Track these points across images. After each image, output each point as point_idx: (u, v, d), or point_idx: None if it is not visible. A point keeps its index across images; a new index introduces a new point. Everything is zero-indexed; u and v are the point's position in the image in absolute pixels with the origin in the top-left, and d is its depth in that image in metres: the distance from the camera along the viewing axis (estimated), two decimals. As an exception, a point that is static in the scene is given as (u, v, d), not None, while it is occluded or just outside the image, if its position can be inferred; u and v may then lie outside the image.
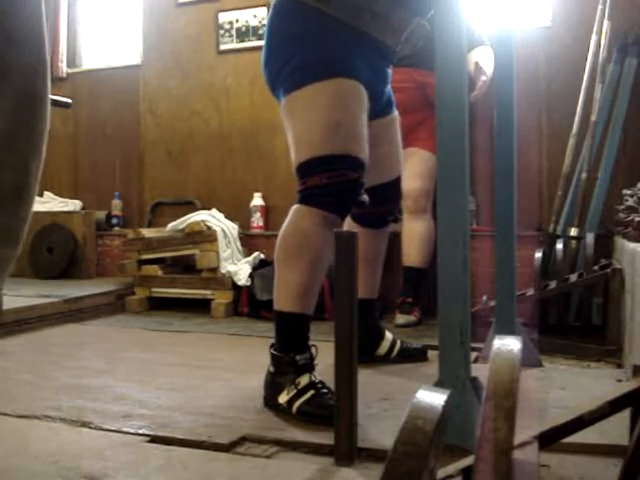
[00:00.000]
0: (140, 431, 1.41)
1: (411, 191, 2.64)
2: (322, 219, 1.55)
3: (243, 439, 1.37)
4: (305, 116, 1.58)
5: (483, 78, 2.61)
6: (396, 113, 1.90)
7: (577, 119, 2.74)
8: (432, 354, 2.00)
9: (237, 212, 3.55)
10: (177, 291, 3.20)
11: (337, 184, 1.54)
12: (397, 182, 1.92)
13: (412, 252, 2.73)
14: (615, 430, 0.98)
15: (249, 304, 3.03)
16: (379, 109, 1.76)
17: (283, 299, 1.58)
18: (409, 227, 2.74)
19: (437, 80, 1.25)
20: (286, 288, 1.58)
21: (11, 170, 0.80)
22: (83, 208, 4.01)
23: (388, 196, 1.89)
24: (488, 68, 2.64)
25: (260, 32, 3.59)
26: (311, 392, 1.49)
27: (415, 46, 1.75)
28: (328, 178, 1.53)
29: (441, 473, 0.70)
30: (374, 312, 2.04)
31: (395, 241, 2.75)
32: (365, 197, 1.61)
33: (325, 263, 1.60)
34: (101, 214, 3.92)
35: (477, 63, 2.65)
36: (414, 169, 2.69)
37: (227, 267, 3.10)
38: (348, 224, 1.93)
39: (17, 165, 0.81)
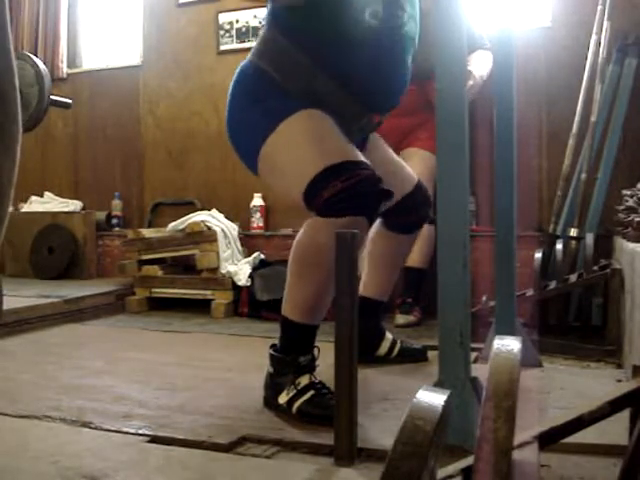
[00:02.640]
0: (140, 431, 1.41)
1: None
2: (344, 229, 1.40)
3: (243, 439, 1.37)
4: (288, 150, 1.55)
5: (470, 82, 2.60)
6: (374, 135, 1.86)
7: (577, 119, 2.74)
8: (432, 354, 2.00)
9: (237, 212, 3.56)
10: (177, 291, 3.20)
11: (355, 185, 1.45)
12: (418, 190, 1.88)
13: (412, 252, 2.73)
14: (615, 430, 0.98)
15: (249, 304, 3.03)
16: (356, 142, 1.73)
17: (292, 308, 1.54)
18: None
19: (437, 80, 1.25)
20: (296, 299, 1.53)
21: None
22: (83, 208, 4.01)
23: (415, 204, 1.86)
24: (479, 72, 2.63)
25: (261, 32, 3.59)
26: (311, 392, 1.49)
27: (365, 133, 1.75)
28: (342, 182, 1.45)
29: (441, 473, 0.70)
30: (379, 314, 2.04)
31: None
32: (387, 187, 1.53)
33: None
34: (101, 214, 3.92)
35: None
36: (414, 170, 2.69)
37: (227, 267, 3.10)
38: (378, 233, 1.93)
39: None
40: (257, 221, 3.52)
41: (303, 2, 1.53)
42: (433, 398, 0.49)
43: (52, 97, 2.52)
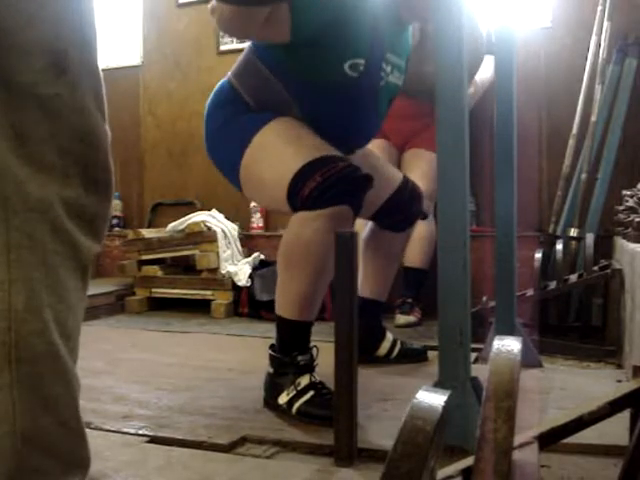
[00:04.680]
0: (140, 432, 1.41)
1: None
2: (329, 220, 1.45)
3: (243, 440, 1.37)
4: (265, 160, 1.57)
5: (471, 90, 2.61)
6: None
7: (577, 119, 2.74)
8: (432, 355, 2.00)
9: (237, 213, 3.56)
10: (177, 291, 3.20)
11: (334, 175, 1.46)
12: (403, 188, 1.88)
13: (412, 252, 2.73)
14: (615, 430, 0.98)
15: (249, 304, 3.03)
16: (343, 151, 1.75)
17: (284, 306, 1.55)
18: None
19: (437, 80, 1.25)
20: (287, 296, 1.54)
21: (102, 169, 0.81)
22: (83, 208, 4.01)
23: (401, 203, 1.87)
24: (481, 78, 2.64)
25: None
26: (311, 393, 1.49)
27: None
28: (321, 175, 1.46)
29: (441, 474, 0.70)
30: (379, 313, 2.04)
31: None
32: (366, 172, 1.55)
33: (330, 271, 1.48)
34: (101, 214, 3.92)
35: None
36: (419, 170, 2.67)
37: (227, 267, 3.11)
38: (372, 230, 1.94)
39: (107, 163, 0.82)
40: (257, 221, 3.52)
41: (288, 40, 1.52)
42: (433, 398, 0.49)
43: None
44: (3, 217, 0.68)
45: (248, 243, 3.44)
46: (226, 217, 3.35)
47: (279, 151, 1.55)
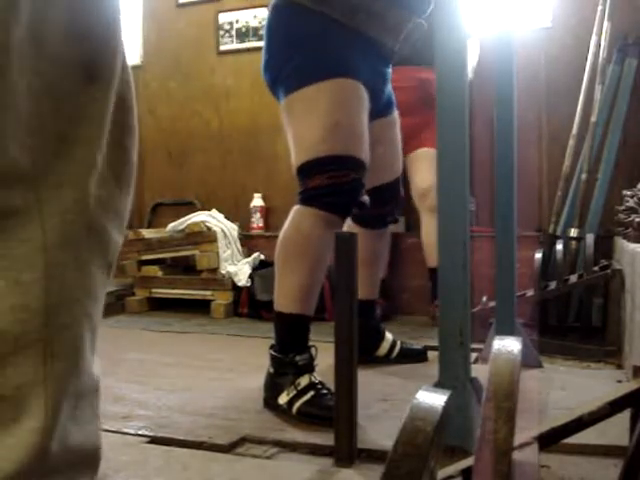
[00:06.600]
0: (140, 432, 1.41)
1: (430, 188, 2.51)
2: (323, 220, 1.55)
3: (243, 440, 1.37)
4: (305, 117, 1.58)
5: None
6: (396, 114, 1.89)
7: (577, 120, 2.74)
8: (432, 355, 2.00)
9: (237, 213, 3.55)
10: (177, 292, 3.20)
11: (339, 184, 1.54)
12: (396, 184, 1.91)
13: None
14: (615, 431, 0.98)
15: (249, 305, 3.03)
16: (379, 109, 1.76)
17: (283, 300, 1.58)
18: (431, 227, 2.64)
19: (437, 80, 1.25)
20: (286, 289, 1.58)
21: (133, 165, 0.83)
22: (83, 208, 4.00)
23: (387, 198, 1.89)
24: (470, 63, 2.65)
25: (260, 33, 3.59)
26: (311, 393, 1.49)
27: (414, 46, 1.75)
28: (329, 178, 1.53)
29: (441, 474, 0.70)
30: (374, 313, 2.04)
31: (399, 242, 2.74)
32: (366, 198, 1.61)
33: (325, 265, 1.61)
34: (101, 214, 3.91)
35: None
36: (429, 168, 2.61)
37: (227, 268, 3.10)
38: (347, 225, 1.94)
39: (134, 160, 0.84)
40: (257, 221, 3.52)
41: None
42: (433, 399, 0.49)
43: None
44: (39, 219, 0.69)
45: (248, 243, 3.43)
46: (226, 217, 3.35)
47: (318, 122, 1.55)
